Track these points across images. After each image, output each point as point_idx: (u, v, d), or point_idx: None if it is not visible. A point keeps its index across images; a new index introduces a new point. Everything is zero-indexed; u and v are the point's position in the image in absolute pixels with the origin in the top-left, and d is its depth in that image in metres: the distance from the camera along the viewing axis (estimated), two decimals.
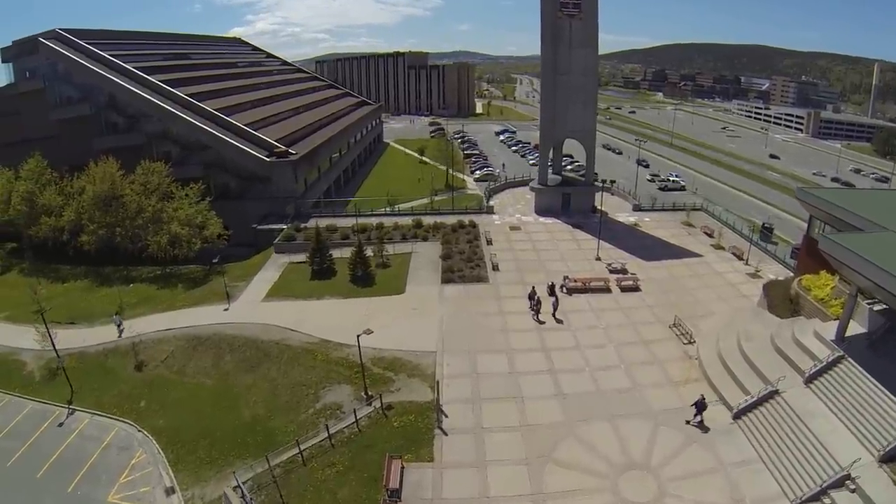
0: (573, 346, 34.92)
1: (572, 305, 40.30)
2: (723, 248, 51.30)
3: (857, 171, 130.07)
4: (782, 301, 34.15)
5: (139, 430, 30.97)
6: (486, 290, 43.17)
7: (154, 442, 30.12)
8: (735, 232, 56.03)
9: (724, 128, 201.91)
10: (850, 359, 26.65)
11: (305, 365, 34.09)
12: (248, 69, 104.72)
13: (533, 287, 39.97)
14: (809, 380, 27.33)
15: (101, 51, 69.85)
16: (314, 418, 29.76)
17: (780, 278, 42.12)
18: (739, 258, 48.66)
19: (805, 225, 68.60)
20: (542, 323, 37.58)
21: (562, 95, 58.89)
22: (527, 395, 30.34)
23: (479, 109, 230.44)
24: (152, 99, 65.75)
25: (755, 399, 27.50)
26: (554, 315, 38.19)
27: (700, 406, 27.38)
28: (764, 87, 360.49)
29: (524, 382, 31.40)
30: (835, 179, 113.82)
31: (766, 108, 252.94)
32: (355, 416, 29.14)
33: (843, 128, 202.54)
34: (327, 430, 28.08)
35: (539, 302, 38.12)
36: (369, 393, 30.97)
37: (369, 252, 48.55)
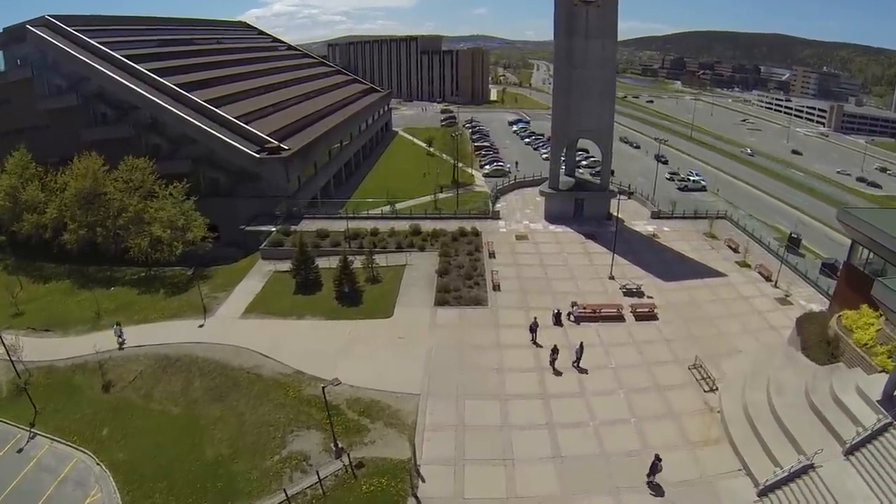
0: (577, 391, 30.76)
1: (580, 338, 35.38)
2: (749, 267, 46.41)
3: (884, 169, 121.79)
4: (818, 342, 29.46)
5: (97, 464, 28.40)
6: (484, 315, 39.04)
7: (111, 479, 27.40)
8: (762, 246, 50.92)
9: (744, 120, 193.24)
10: None
11: (275, 401, 30.99)
12: (248, 55, 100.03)
13: (535, 318, 35.80)
14: (851, 450, 22.84)
15: (90, 38, 66.47)
16: (279, 467, 26.78)
17: (814, 308, 37.42)
18: (767, 279, 43.79)
19: (835, 234, 65.42)
20: (558, 374, 32.43)
21: (577, 91, 53.89)
22: (519, 456, 26.41)
23: (493, 96, 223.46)
24: (137, 89, 62.02)
25: (786, 474, 23.13)
26: (576, 365, 32.89)
27: (654, 468, 24.35)
28: (784, 78, 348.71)
29: (517, 439, 27.42)
30: (860, 179, 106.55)
31: (787, 100, 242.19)
32: (318, 477, 25.76)
33: (866, 122, 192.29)
34: (285, 493, 24.81)
35: (557, 351, 32.58)
36: (339, 445, 27.64)
37: (358, 263, 44.96)
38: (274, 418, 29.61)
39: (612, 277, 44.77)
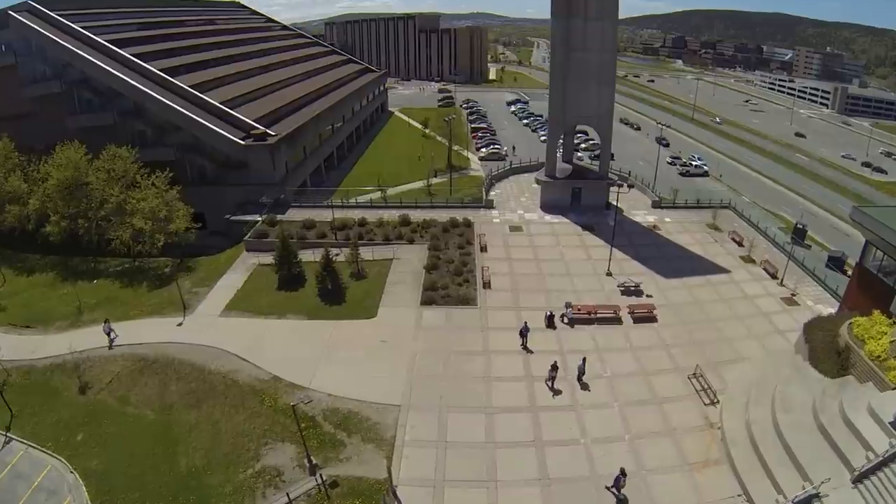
0: (568, 404, 28.72)
1: (574, 343, 33.98)
2: (753, 262, 44.14)
3: (889, 154, 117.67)
4: (828, 352, 27.23)
5: (71, 472, 27.05)
6: (472, 317, 36.92)
7: (84, 488, 26.04)
8: (767, 239, 48.56)
9: (746, 101, 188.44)
10: None
11: (250, 410, 29.23)
12: (240, 37, 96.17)
13: (525, 323, 33.61)
14: (860, 478, 20.79)
15: (74, 22, 63.28)
16: (252, 482, 25.23)
17: (822, 311, 35.39)
18: (773, 276, 41.56)
19: (841, 224, 63.03)
20: (557, 393, 29.68)
21: (574, 75, 50.99)
22: (503, 478, 24.57)
23: (492, 75, 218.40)
24: (118, 74, 59.02)
25: None
26: (580, 379, 30.38)
27: (617, 481, 23.22)
28: (787, 58, 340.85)
29: (502, 458, 25.55)
30: (866, 164, 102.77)
31: (789, 81, 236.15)
32: (289, 499, 24.07)
33: (870, 104, 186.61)
34: None
35: (556, 368, 29.83)
36: (313, 461, 25.86)
37: (342, 257, 42.91)
38: (248, 428, 27.99)
39: (609, 274, 42.57)
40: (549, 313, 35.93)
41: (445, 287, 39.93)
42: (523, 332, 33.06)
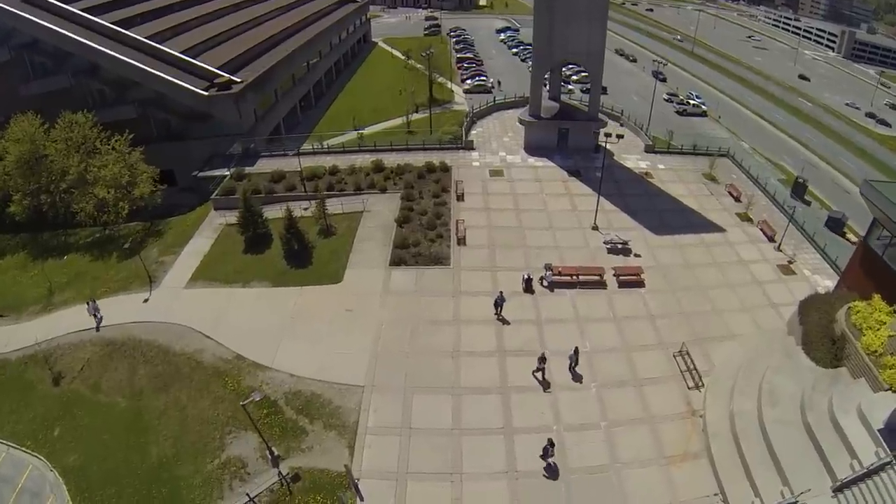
0: (542, 383, 26.74)
1: (552, 311, 31.59)
2: (751, 221, 41.25)
3: (894, 106, 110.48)
4: (822, 338, 25.08)
5: (51, 470, 26.46)
6: (444, 279, 34.12)
7: (64, 487, 25.55)
8: (767, 196, 45.51)
9: (749, 37, 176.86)
10: None
11: (214, 394, 27.59)
12: None
13: (501, 292, 30.84)
14: (840, 488, 19.26)
15: None
16: (219, 473, 24.30)
17: (819, 281, 33.36)
18: (770, 239, 38.91)
19: (842, 179, 59.96)
20: (547, 386, 26.70)
21: (561, 9, 45.12)
22: (468, 469, 22.93)
23: (482, 1, 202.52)
24: (66, 33, 52.07)
25: None
26: (572, 368, 27.46)
27: (546, 452, 22.73)
28: None
29: (469, 447, 23.81)
30: (870, 115, 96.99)
31: (795, 19, 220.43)
32: (249, 497, 22.66)
33: (878, 52, 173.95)
34: None
35: (545, 360, 26.69)
36: (275, 452, 24.40)
37: (311, 212, 39.59)
38: (213, 415, 26.67)
39: (595, 227, 39.63)
40: (526, 276, 33.23)
41: (417, 244, 36.86)
42: (498, 302, 30.42)
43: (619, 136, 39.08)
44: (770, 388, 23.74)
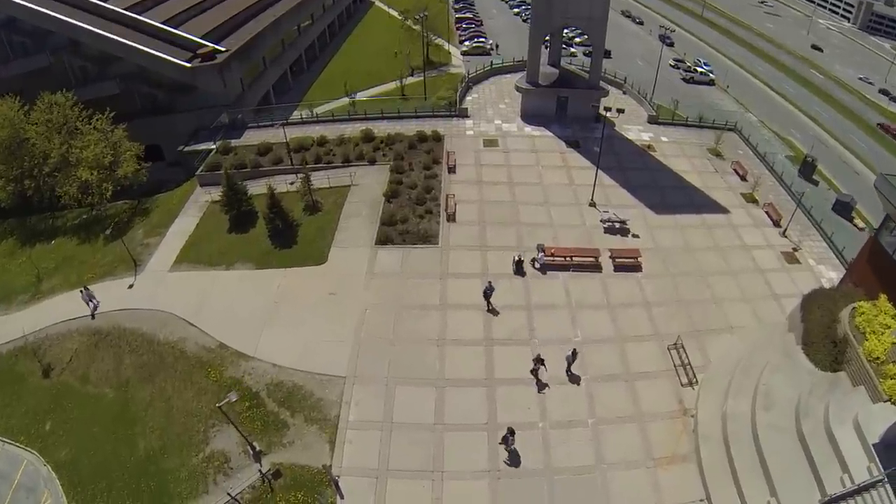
0: (530, 377, 25.58)
1: (543, 296, 30.30)
2: (756, 203, 39.40)
3: None
4: (823, 339, 23.90)
5: (45, 465, 26.17)
6: (432, 259, 32.59)
7: (58, 482, 25.27)
8: (773, 175, 43.52)
9: (762, 2, 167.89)
10: (889, 489, 17.23)
11: (198, 385, 26.85)
12: None
13: (489, 283, 28.96)
14: (828, 503, 18.72)
15: None
16: (203, 467, 23.83)
17: (823, 275, 31.99)
18: (776, 223, 37.20)
19: (852, 158, 57.30)
20: (543, 388, 25.24)
21: None
22: (449, 467, 22.18)
23: None
24: (41, 8, 48.60)
25: None
26: (569, 372, 26.03)
27: (506, 440, 22.42)
28: None
29: (451, 444, 22.99)
30: (883, 91, 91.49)
31: None
32: (230, 496, 22.15)
33: (895, 26, 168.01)
34: None
35: (540, 361, 25.09)
36: (257, 448, 23.71)
37: (296, 188, 38.02)
38: (196, 407, 26.00)
39: (593, 204, 37.94)
40: (517, 257, 31.77)
41: (405, 220, 35.22)
42: (487, 293, 28.73)
43: (620, 111, 36.85)
44: (766, 391, 22.72)
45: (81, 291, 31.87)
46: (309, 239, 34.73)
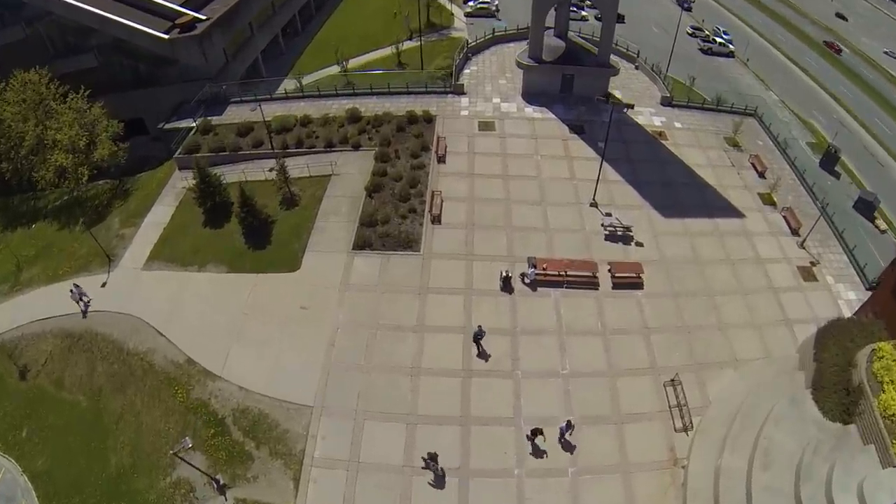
0: (509, 416, 23.57)
1: (532, 318, 27.81)
2: (774, 206, 35.96)
3: None
4: (835, 384, 21.58)
5: (21, 474, 25.89)
6: (412, 269, 29.96)
7: (34, 493, 25.05)
8: (795, 172, 39.66)
9: None
10: None
11: (165, 403, 25.94)
12: None
13: (479, 326, 25.73)
14: None
15: None
16: (171, 493, 23.31)
17: (842, 293, 29.45)
18: (794, 232, 33.91)
19: (876, 147, 52.25)
20: (540, 456, 22.55)
21: None
22: None
23: None
24: None
25: None
26: (562, 439, 22.92)
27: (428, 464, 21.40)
28: None
29: (419, 491, 21.37)
30: None
31: None
32: None
33: None
34: None
35: (540, 433, 22.28)
36: (221, 481, 22.71)
37: (273, 174, 35.15)
38: (164, 427, 25.22)
39: (594, 204, 34.80)
40: (505, 273, 29.05)
41: (386, 220, 32.40)
42: (477, 337, 25.63)
43: (630, 106, 33.09)
44: (766, 446, 20.61)
45: (72, 290, 30.46)
46: (283, 239, 32.24)
